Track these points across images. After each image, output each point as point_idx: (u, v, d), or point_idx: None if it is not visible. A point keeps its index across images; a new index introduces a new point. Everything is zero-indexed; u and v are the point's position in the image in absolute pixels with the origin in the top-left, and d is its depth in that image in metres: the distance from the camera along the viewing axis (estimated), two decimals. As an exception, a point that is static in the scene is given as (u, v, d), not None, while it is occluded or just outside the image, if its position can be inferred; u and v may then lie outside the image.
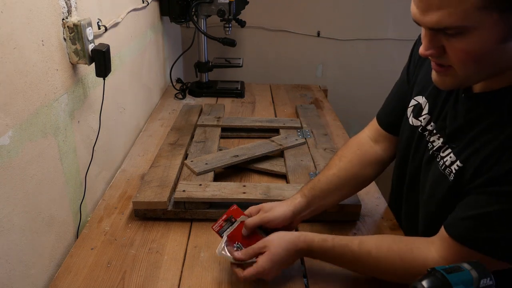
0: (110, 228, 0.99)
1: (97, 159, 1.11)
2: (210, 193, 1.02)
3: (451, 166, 0.72)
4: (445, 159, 0.74)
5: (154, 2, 1.72)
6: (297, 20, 2.30)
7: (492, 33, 0.58)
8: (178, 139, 1.35)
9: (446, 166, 0.73)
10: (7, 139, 0.71)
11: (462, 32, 0.59)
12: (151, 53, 1.68)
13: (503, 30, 0.57)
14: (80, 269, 0.86)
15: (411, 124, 0.86)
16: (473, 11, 0.56)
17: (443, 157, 0.75)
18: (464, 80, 0.67)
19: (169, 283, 0.83)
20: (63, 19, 0.89)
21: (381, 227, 1.02)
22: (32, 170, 0.80)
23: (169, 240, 0.96)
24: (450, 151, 0.73)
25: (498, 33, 0.58)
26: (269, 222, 0.86)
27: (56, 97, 0.88)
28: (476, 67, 0.63)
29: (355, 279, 0.85)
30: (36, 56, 0.79)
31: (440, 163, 0.75)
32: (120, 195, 1.12)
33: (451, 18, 0.58)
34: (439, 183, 0.75)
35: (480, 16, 0.56)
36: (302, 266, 0.89)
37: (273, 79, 2.30)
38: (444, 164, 0.74)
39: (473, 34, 0.58)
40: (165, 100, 1.83)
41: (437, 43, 0.63)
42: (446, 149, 0.74)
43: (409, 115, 0.87)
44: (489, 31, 0.58)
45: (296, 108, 1.69)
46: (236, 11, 1.75)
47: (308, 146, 1.34)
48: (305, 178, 1.15)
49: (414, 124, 0.85)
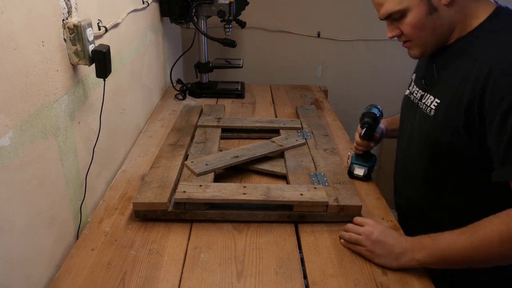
0: (110, 229, 0.99)
1: (98, 160, 1.11)
2: (210, 194, 1.02)
3: (431, 104, 0.95)
4: (426, 102, 0.97)
5: (154, 3, 1.72)
6: (297, 20, 2.30)
7: (420, 10, 0.88)
8: (178, 140, 1.35)
9: (427, 106, 0.96)
10: (7, 140, 0.71)
11: (402, 14, 0.90)
12: (151, 54, 1.68)
13: (426, 6, 0.88)
14: (80, 270, 0.86)
15: (404, 94, 1.12)
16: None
17: (425, 102, 0.98)
18: (425, 47, 0.95)
19: (169, 284, 0.83)
20: (63, 20, 0.89)
21: (381, 228, 1.01)
22: (33, 171, 0.80)
23: (169, 241, 0.96)
24: (429, 95, 0.97)
25: (424, 8, 0.88)
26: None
27: (57, 98, 0.88)
28: (424, 35, 0.92)
29: (355, 279, 0.85)
30: (36, 57, 0.79)
31: (423, 107, 0.98)
32: (120, 196, 1.12)
33: (393, 5, 0.90)
34: (423, 123, 0.97)
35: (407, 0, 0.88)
36: (302, 266, 0.89)
37: (273, 79, 2.30)
38: (426, 105, 0.97)
39: (410, 14, 0.89)
40: (165, 100, 1.83)
41: (394, 27, 0.95)
42: (426, 95, 0.98)
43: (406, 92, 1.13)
44: (418, 9, 0.88)
45: (296, 109, 1.69)
46: (236, 11, 1.75)
47: (309, 146, 1.34)
48: (306, 178, 1.15)
49: (405, 94, 1.12)
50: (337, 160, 1.26)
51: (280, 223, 1.02)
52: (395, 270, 0.87)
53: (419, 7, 0.88)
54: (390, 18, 0.93)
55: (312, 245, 0.95)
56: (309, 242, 0.96)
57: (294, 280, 0.85)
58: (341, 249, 0.94)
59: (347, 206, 1.02)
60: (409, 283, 0.85)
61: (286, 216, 1.02)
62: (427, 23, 0.89)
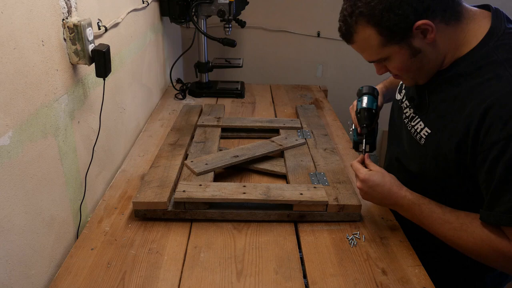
0: (110, 229, 0.99)
1: (97, 159, 1.11)
2: (210, 194, 1.02)
3: (420, 132, 0.91)
4: (416, 126, 0.93)
5: (154, 3, 1.72)
6: (297, 20, 2.30)
7: (403, 54, 0.82)
8: (178, 140, 1.35)
9: (417, 132, 0.92)
10: (7, 140, 0.71)
11: (385, 59, 0.86)
12: (151, 54, 1.68)
13: (408, 51, 0.82)
14: (80, 270, 0.86)
15: (395, 98, 1.10)
16: (380, 49, 0.83)
17: (414, 125, 0.94)
18: (415, 80, 0.91)
19: (169, 284, 0.83)
20: (63, 20, 0.89)
21: (381, 227, 1.02)
22: (32, 170, 0.80)
23: (169, 241, 0.96)
24: (419, 120, 0.92)
25: (407, 52, 0.82)
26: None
27: (56, 97, 0.88)
28: (411, 73, 0.88)
29: (354, 279, 0.85)
30: (36, 56, 0.79)
31: (413, 131, 0.94)
32: (120, 196, 1.12)
33: (371, 56, 0.87)
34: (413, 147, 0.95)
35: (386, 49, 0.83)
36: (302, 265, 0.89)
37: (273, 79, 2.31)
38: (415, 130, 0.93)
39: (392, 59, 0.85)
40: (165, 100, 1.83)
41: (381, 66, 0.90)
42: (416, 118, 0.94)
43: (397, 91, 1.10)
44: (400, 54, 0.83)
45: (296, 109, 1.70)
46: (236, 11, 1.75)
47: (308, 146, 1.34)
48: (305, 178, 1.15)
49: (397, 98, 1.09)
50: (337, 159, 1.26)
51: (280, 223, 1.02)
52: (395, 270, 0.88)
53: (400, 53, 0.82)
54: (374, 62, 0.89)
55: (312, 245, 0.95)
56: (309, 242, 0.96)
57: (294, 279, 0.85)
58: (341, 249, 0.94)
59: (347, 205, 1.02)
60: (409, 283, 0.85)
61: (286, 215, 1.03)
62: (412, 64, 0.84)
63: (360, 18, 0.81)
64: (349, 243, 0.96)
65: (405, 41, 0.80)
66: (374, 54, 0.85)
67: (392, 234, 0.99)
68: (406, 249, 0.94)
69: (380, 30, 0.80)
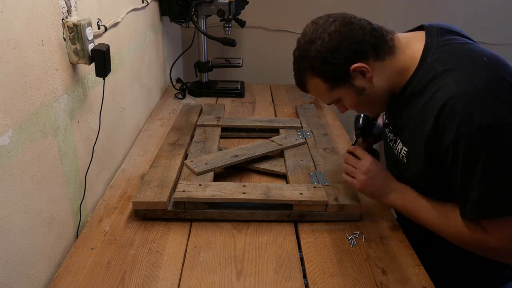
0: (110, 228, 0.99)
1: (97, 159, 1.11)
2: (210, 193, 1.02)
3: (401, 151, 0.94)
4: (397, 147, 0.97)
5: (154, 2, 1.72)
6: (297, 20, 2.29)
7: (350, 94, 0.91)
8: (178, 139, 1.35)
9: (399, 152, 0.96)
10: (7, 139, 0.71)
11: (337, 101, 0.95)
12: (151, 53, 1.68)
13: (353, 91, 0.89)
14: (80, 269, 0.86)
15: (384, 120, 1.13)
16: (329, 93, 0.92)
17: (396, 147, 0.97)
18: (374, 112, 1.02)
19: (169, 283, 0.83)
20: (63, 19, 0.89)
21: (381, 227, 1.02)
22: (32, 170, 0.80)
23: (169, 240, 0.96)
24: (399, 140, 0.96)
25: (353, 92, 0.90)
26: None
27: (56, 97, 0.88)
28: (365, 107, 0.96)
29: (354, 279, 0.85)
30: (36, 56, 0.79)
31: (395, 152, 0.98)
32: (120, 195, 1.12)
33: (325, 99, 0.96)
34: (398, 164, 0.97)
35: (335, 93, 0.91)
36: (301, 265, 0.89)
37: (273, 79, 2.30)
38: (397, 151, 0.96)
39: (344, 99, 0.93)
40: (165, 100, 1.83)
41: (339, 106, 0.97)
42: (397, 140, 0.97)
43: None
44: (348, 95, 0.91)
45: (296, 108, 1.69)
46: (236, 11, 1.75)
47: (308, 146, 1.34)
48: (305, 178, 1.15)
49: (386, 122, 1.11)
50: (336, 159, 1.26)
51: (279, 223, 1.02)
52: (395, 269, 0.88)
53: (348, 94, 0.90)
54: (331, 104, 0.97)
55: (312, 245, 0.95)
56: (309, 242, 0.96)
57: (294, 279, 0.85)
58: (341, 249, 0.94)
59: (346, 205, 1.02)
60: (409, 283, 0.85)
61: (286, 215, 1.03)
62: (362, 101, 0.91)
63: (306, 72, 0.91)
64: (349, 243, 0.96)
65: (348, 83, 0.89)
66: (326, 98, 0.95)
67: (392, 234, 0.99)
68: (406, 249, 0.94)
69: (324, 78, 0.89)
